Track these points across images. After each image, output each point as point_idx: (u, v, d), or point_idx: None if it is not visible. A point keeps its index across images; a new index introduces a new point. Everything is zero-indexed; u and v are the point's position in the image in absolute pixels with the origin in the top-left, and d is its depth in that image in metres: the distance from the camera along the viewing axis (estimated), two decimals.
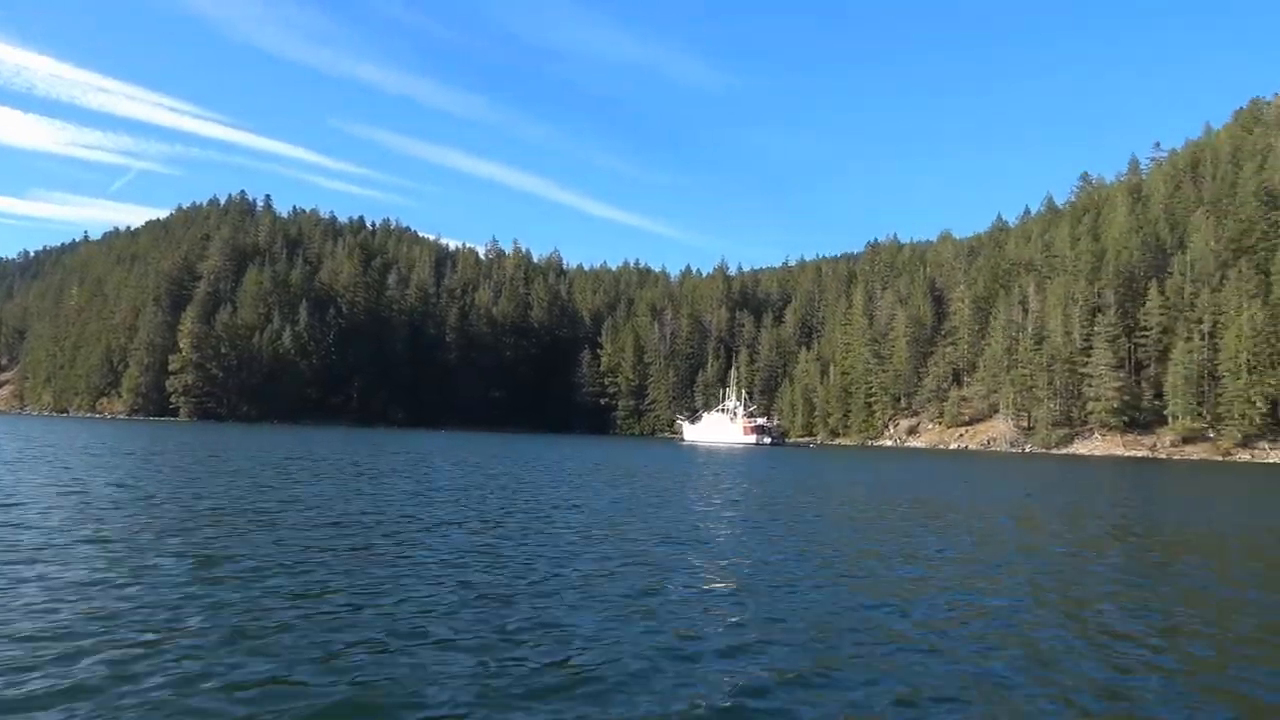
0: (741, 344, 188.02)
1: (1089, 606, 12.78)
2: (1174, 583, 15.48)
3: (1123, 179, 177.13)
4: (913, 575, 14.91)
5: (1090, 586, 14.70)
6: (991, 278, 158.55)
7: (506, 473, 38.85)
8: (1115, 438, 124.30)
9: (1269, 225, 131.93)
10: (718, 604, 11.95)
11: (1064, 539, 21.74)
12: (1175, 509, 34.93)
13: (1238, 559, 19.56)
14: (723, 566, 15.07)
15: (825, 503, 30.55)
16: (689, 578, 13.83)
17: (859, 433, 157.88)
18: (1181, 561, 18.57)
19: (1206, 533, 24.96)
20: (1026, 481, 51.13)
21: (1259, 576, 16.98)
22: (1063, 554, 18.73)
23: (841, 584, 13.84)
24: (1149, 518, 29.84)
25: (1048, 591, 13.91)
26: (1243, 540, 23.36)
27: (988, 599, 13.08)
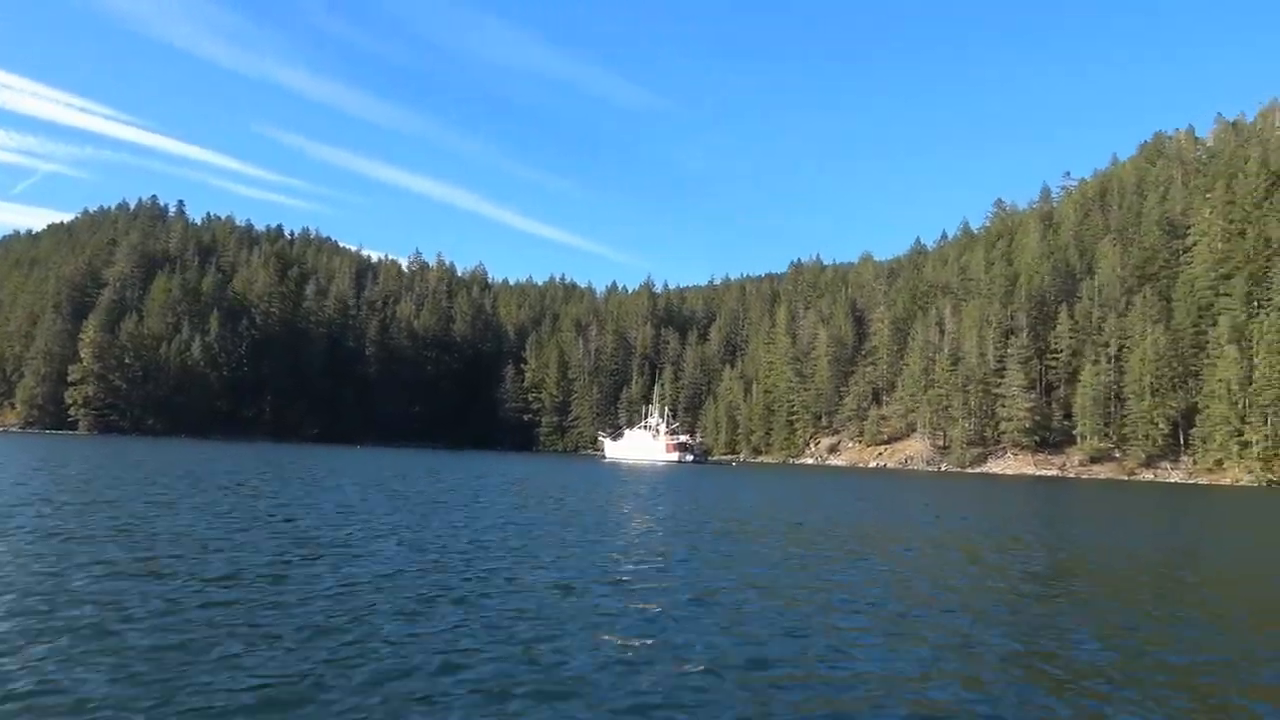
0: (666, 361, 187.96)
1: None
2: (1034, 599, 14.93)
3: (1035, 206, 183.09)
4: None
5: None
6: (910, 299, 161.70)
7: (406, 492, 37.07)
8: (1027, 457, 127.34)
9: (1170, 254, 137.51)
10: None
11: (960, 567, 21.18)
12: (1056, 526, 35.14)
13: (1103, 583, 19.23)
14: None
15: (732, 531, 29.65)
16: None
17: (781, 450, 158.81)
18: (1052, 581, 18.15)
19: (1077, 551, 24.89)
20: (929, 501, 51.26)
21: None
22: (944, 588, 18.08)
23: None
24: (1041, 539, 29.72)
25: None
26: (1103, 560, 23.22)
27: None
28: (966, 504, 49.05)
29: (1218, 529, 39.95)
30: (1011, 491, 69.80)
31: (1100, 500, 62.87)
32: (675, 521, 28.82)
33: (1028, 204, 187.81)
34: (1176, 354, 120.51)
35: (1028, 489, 76.56)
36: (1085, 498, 65.81)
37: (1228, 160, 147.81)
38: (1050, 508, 50.50)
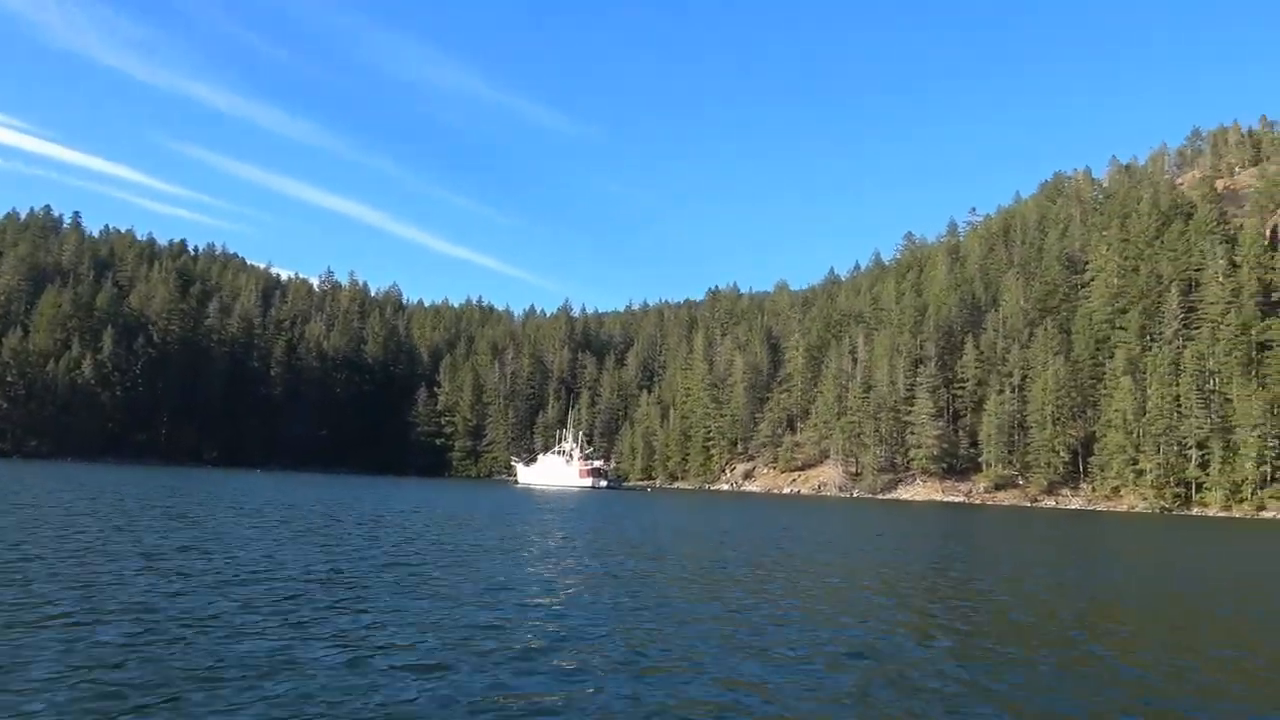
0: (583, 386, 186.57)
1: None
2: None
3: (943, 240, 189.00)
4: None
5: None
6: (824, 328, 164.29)
7: (277, 520, 34.91)
8: (935, 483, 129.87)
9: (1070, 288, 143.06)
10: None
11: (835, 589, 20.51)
12: (939, 551, 35.13)
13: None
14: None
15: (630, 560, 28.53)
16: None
17: (697, 476, 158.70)
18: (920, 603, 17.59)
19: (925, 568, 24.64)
20: (882, 530, 51.13)
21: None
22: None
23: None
24: (925, 562, 29.48)
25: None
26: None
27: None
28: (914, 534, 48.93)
29: (1098, 554, 40.55)
30: (917, 519, 70.50)
31: (998, 527, 63.94)
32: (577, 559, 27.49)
33: (936, 237, 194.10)
34: (1076, 384, 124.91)
35: (939, 516, 77.52)
36: (990, 524, 66.86)
37: (1122, 200, 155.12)
38: (974, 537, 50.89)
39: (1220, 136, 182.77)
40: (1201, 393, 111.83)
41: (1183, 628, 17.63)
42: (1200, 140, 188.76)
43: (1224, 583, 28.79)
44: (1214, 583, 28.52)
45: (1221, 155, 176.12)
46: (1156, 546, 47.87)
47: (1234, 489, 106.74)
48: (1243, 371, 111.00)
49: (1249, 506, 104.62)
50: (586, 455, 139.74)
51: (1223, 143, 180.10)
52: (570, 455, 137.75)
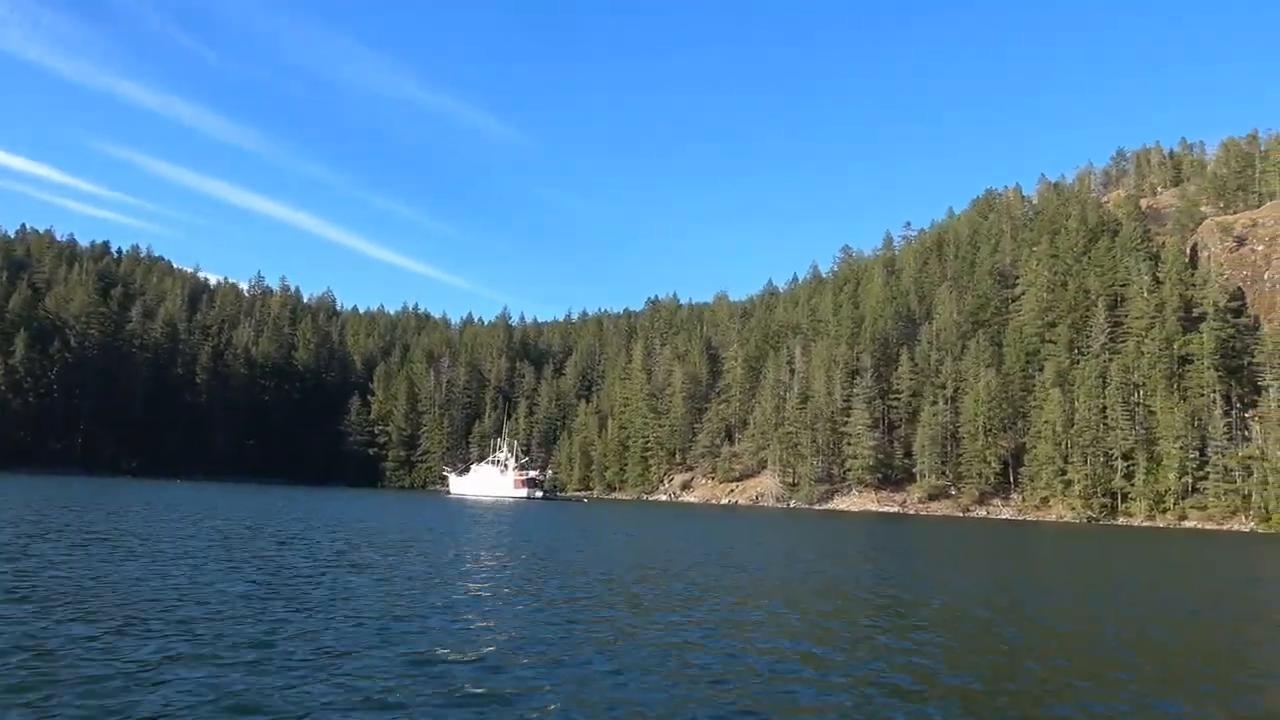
0: (521, 395, 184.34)
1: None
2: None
3: (879, 253, 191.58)
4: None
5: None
6: (762, 339, 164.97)
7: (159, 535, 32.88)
8: (870, 494, 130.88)
9: (1001, 302, 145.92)
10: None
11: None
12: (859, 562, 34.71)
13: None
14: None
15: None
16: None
17: (635, 487, 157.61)
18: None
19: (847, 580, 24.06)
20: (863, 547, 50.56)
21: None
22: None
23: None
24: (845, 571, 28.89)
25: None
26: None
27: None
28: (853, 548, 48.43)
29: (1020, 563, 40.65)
30: (853, 529, 70.46)
31: (934, 537, 64.17)
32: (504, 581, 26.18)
33: (872, 251, 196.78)
34: (1007, 396, 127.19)
35: (867, 528, 77.67)
36: (909, 536, 67.07)
37: (1051, 217, 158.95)
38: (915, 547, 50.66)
39: (1143, 157, 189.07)
40: (1127, 405, 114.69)
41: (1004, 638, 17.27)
42: (1124, 160, 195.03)
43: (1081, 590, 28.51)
44: (1059, 591, 28.12)
45: (1145, 175, 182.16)
46: (1043, 555, 48.23)
47: (1157, 499, 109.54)
48: (1166, 385, 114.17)
49: (1171, 516, 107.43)
50: (521, 465, 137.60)
51: (1146, 163, 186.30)
52: (505, 465, 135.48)
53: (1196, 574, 39.73)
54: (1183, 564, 46.05)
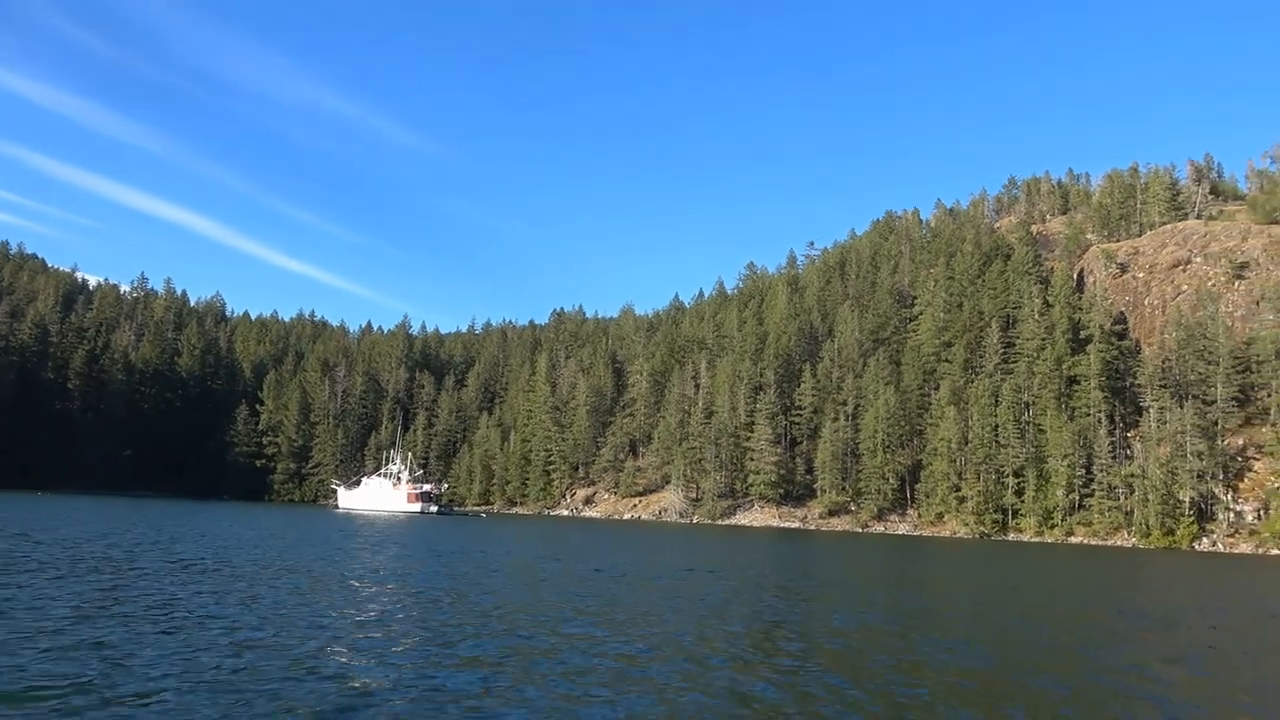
0: (420, 406, 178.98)
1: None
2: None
3: (783, 271, 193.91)
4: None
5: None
6: (668, 353, 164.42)
7: None
8: (772, 509, 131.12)
9: (901, 321, 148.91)
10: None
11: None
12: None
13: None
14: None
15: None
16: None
17: (536, 501, 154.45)
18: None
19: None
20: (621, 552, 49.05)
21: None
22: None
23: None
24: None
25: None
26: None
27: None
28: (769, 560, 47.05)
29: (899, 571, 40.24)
30: (770, 545, 69.62)
31: (836, 552, 63.79)
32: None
33: (776, 268, 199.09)
34: (905, 414, 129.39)
35: (764, 543, 77.05)
36: (824, 550, 66.65)
37: (948, 240, 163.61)
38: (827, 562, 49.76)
39: (1033, 185, 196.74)
40: (1018, 424, 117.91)
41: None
42: (1016, 188, 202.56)
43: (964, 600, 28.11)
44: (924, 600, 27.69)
45: (1035, 203, 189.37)
46: (919, 569, 48.28)
47: (1046, 515, 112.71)
48: (1055, 404, 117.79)
49: (1059, 532, 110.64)
50: (416, 478, 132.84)
51: (1035, 191, 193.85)
52: (398, 478, 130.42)
53: (1065, 585, 39.90)
54: (1056, 577, 46.47)
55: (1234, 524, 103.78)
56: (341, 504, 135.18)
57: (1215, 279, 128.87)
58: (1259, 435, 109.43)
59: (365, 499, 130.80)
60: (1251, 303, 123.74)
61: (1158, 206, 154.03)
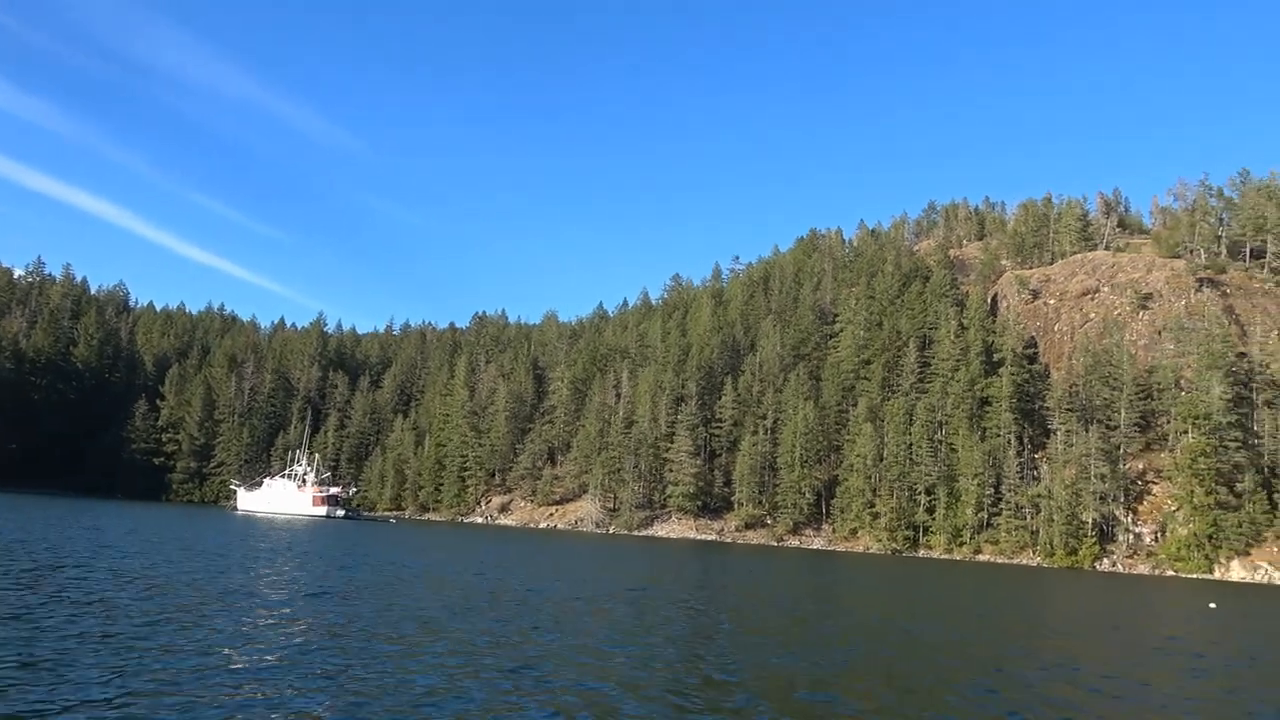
0: (333, 407, 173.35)
1: None
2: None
3: (707, 284, 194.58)
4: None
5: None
6: (590, 361, 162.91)
7: None
8: (689, 521, 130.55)
9: (821, 337, 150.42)
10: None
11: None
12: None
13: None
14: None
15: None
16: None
17: (450, 508, 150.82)
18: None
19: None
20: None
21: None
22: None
23: None
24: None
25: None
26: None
27: None
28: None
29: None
30: (687, 557, 68.59)
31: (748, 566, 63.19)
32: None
33: (701, 281, 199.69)
34: (823, 429, 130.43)
35: (716, 555, 76.19)
36: (739, 563, 66.01)
37: (869, 260, 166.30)
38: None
39: (951, 211, 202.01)
40: (932, 442, 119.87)
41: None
42: (935, 213, 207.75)
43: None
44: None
45: (953, 228, 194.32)
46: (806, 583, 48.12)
47: (955, 533, 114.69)
48: (967, 424, 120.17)
49: (968, 550, 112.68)
50: (322, 480, 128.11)
51: (954, 217, 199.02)
52: (303, 480, 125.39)
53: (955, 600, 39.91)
54: (949, 593, 46.65)
55: (1133, 545, 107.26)
56: (240, 506, 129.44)
57: (1121, 308, 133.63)
58: (1158, 460, 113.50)
59: (267, 501, 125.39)
60: (1154, 332, 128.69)
61: (1069, 236, 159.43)
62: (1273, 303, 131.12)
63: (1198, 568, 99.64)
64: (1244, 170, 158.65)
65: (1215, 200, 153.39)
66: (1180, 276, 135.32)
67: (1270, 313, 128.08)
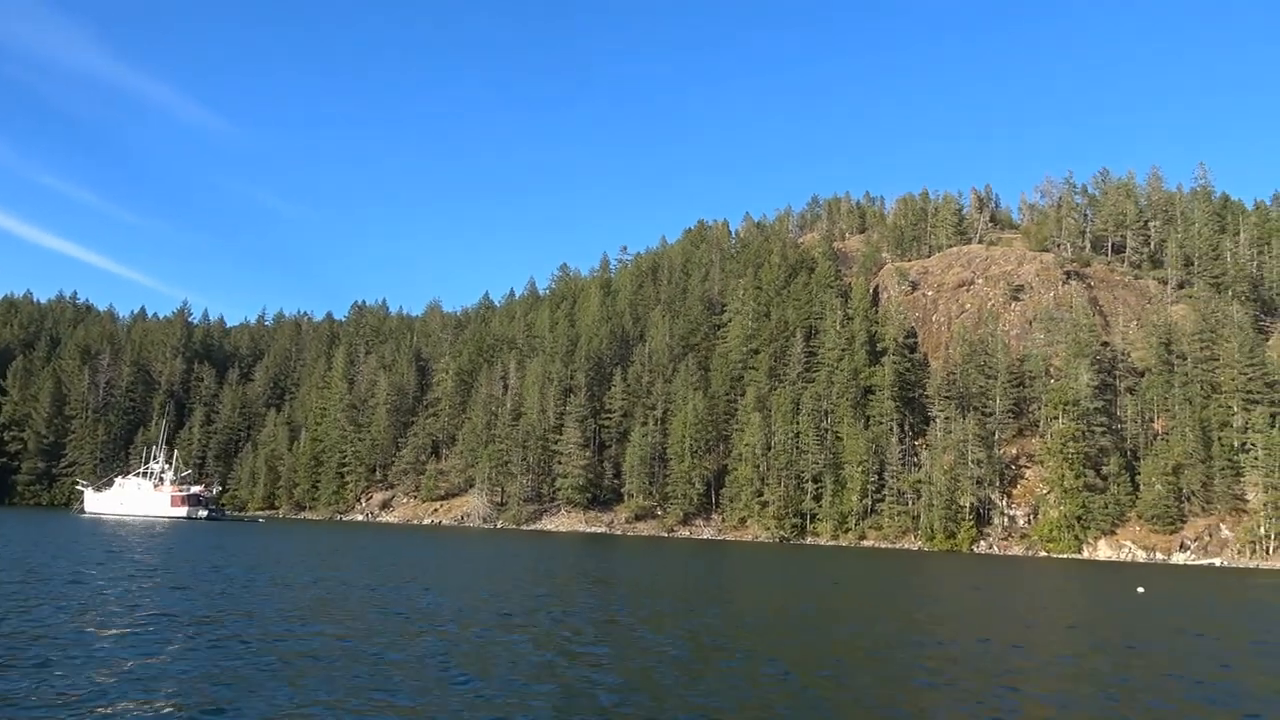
0: (199, 401, 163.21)
1: None
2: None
3: (596, 274, 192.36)
4: None
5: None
6: (476, 352, 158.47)
7: None
8: (579, 514, 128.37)
9: (710, 328, 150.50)
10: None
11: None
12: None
13: None
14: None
15: None
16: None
17: (328, 506, 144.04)
18: None
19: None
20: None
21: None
22: None
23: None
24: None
25: None
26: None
27: None
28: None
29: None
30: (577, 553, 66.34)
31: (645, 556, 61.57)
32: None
33: (590, 271, 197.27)
34: (712, 419, 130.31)
35: (589, 549, 74.08)
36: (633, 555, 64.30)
37: (756, 251, 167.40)
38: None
39: (834, 205, 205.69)
40: (818, 430, 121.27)
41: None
42: (818, 207, 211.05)
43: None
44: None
45: (835, 221, 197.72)
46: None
47: (841, 520, 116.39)
48: (852, 412, 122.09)
49: (853, 536, 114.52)
50: (183, 479, 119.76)
51: (836, 210, 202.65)
52: (160, 478, 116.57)
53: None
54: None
55: (1008, 528, 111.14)
56: (89, 508, 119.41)
57: (995, 299, 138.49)
58: (1030, 445, 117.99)
59: (119, 502, 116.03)
60: (1025, 323, 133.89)
61: (945, 230, 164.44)
62: (1132, 294, 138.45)
63: (1068, 548, 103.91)
64: (1104, 169, 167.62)
65: (1079, 197, 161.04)
66: (1049, 269, 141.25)
67: (1130, 304, 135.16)
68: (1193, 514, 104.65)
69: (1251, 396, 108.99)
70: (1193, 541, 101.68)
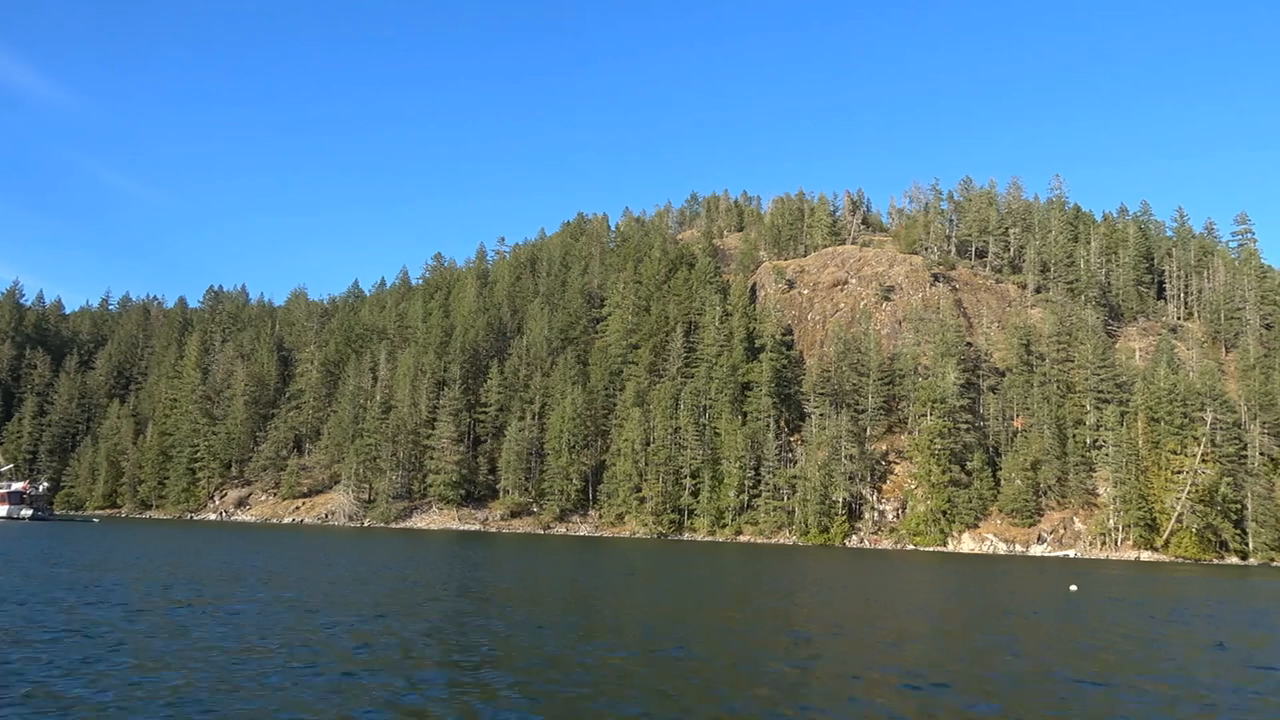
0: (30, 390, 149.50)
1: None
2: None
3: (472, 264, 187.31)
4: None
5: None
6: (344, 342, 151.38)
7: None
8: (452, 511, 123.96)
9: (590, 321, 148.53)
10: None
11: None
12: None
13: None
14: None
15: None
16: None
17: (177, 504, 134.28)
18: None
19: None
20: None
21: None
22: None
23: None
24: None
25: None
26: None
27: None
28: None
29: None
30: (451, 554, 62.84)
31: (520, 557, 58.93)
32: None
33: (466, 261, 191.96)
34: (591, 414, 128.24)
35: (463, 548, 70.57)
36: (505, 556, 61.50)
37: (636, 246, 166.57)
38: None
39: (713, 203, 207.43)
40: (697, 426, 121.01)
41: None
42: (697, 204, 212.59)
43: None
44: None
45: (714, 218, 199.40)
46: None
47: (718, 515, 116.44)
48: (730, 408, 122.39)
49: (730, 531, 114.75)
50: (2, 474, 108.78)
51: (715, 208, 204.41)
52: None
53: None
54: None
55: (878, 522, 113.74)
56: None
57: (867, 299, 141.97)
58: (899, 441, 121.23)
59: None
60: (896, 322, 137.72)
61: (820, 231, 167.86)
62: (994, 297, 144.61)
63: (934, 541, 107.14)
64: (967, 178, 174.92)
65: (946, 203, 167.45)
66: (918, 271, 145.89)
67: (992, 306, 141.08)
68: (1049, 508, 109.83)
69: (1103, 396, 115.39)
70: (1049, 534, 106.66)
